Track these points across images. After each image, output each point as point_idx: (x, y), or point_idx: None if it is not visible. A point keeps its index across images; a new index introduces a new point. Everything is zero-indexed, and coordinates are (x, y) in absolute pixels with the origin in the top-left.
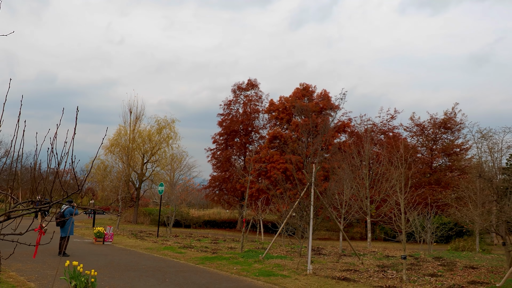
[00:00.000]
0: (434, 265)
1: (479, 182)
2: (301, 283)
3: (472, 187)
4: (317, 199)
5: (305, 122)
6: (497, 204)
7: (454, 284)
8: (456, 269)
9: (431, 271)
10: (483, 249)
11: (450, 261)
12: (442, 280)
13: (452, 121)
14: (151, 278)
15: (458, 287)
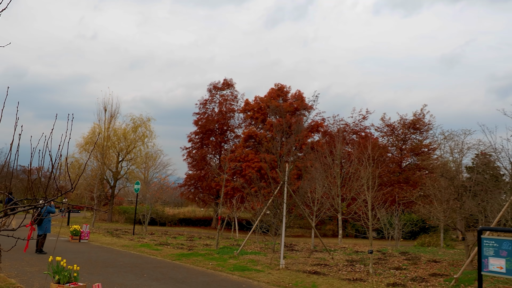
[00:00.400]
0: (400, 259)
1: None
2: (274, 277)
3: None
4: (290, 197)
5: (280, 122)
6: (457, 201)
7: (417, 276)
8: (420, 263)
9: (397, 265)
10: (447, 245)
11: (415, 255)
12: (406, 273)
13: (420, 122)
14: (129, 273)
15: (420, 279)
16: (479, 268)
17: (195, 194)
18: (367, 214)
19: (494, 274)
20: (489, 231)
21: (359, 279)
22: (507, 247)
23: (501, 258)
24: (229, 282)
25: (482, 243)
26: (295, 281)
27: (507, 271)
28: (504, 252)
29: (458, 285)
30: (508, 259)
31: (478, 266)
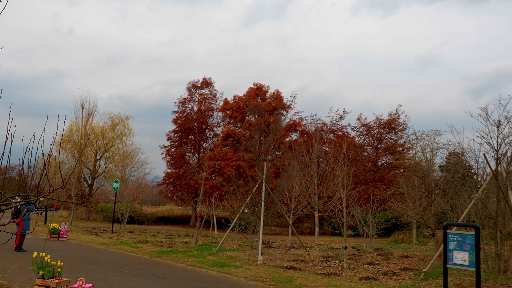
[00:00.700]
0: (373, 255)
1: (417, 180)
2: (252, 272)
3: (410, 184)
4: (268, 195)
5: (258, 121)
6: (428, 199)
7: (388, 271)
8: (392, 258)
9: (370, 260)
10: (419, 241)
11: (388, 251)
12: (378, 268)
13: (395, 122)
14: (110, 270)
15: (391, 273)
16: (444, 261)
17: (174, 192)
18: (342, 211)
19: (458, 267)
20: (456, 227)
21: (334, 274)
22: (470, 241)
23: (465, 252)
24: (209, 277)
25: (448, 238)
26: (272, 276)
27: (470, 264)
28: (467, 246)
29: (426, 278)
30: (471, 252)
31: (443, 259)
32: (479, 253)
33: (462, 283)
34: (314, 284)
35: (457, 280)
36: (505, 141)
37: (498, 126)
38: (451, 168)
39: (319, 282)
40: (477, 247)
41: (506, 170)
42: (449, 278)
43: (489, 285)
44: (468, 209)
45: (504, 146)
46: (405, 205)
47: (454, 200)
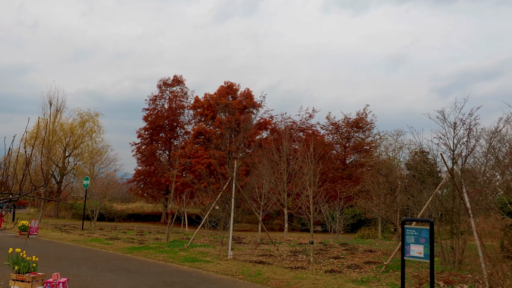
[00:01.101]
0: (340, 250)
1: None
2: (222, 266)
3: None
4: (238, 192)
5: (229, 119)
6: (390, 196)
7: (353, 264)
8: (357, 252)
9: (336, 255)
10: (384, 236)
11: (354, 246)
12: (343, 261)
13: (363, 121)
14: (82, 266)
15: (355, 266)
16: (402, 254)
17: (144, 189)
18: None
19: (415, 259)
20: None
21: (301, 267)
22: (425, 235)
23: (420, 245)
24: (180, 271)
25: (405, 232)
26: (241, 270)
27: (425, 256)
28: (422, 240)
29: (387, 271)
30: (425, 245)
31: (401, 252)
32: (433, 246)
33: (420, 275)
34: (281, 277)
35: (415, 272)
36: (460, 142)
37: (454, 128)
38: (417, 166)
39: (286, 275)
40: (431, 241)
41: (461, 169)
42: (408, 270)
43: (444, 276)
44: (426, 206)
45: (459, 147)
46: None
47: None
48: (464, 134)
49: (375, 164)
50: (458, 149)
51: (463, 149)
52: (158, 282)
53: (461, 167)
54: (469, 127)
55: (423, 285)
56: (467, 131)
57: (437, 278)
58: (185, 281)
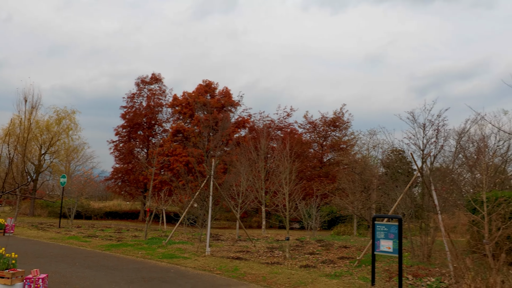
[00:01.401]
0: (315, 246)
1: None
2: (200, 263)
3: (350, 179)
4: (216, 190)
5: (207, 117)
6: (364, 193)
7: (327, 259)
8: (332, 248)
9: (311, 251)
10: (360, 233)
11: (329, 242)
12: (318, 257)
13: (340, 120)
14: (61, 263)
15: (329, 261)
16: (372, 249)
17: (122, 187)
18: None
19: (385, 254)
20: (385, 219)
21: (277, 263)
22: (394, 230)
23: (390, 240)
24: (158, 268)
25: (376, 228)
26: (219, 265)
27: (394, 250)
28: (391, 235)
29: (360, 266)
30: (394, 240)
31: (372, 247)
32: (401, 241)
33: (390, 269)
34: (257, 272)
35: (386, 266)
36: (430, 142)
37: (424, 128)
38: (392, 164)
39: (263, 270)
40: (399, 236)
41: (430, 168)
42: (380, 265)
43: (413, 270)
44: (397, 203)
45: (428, 147)
46: (344, 199)
47: (388, 195)
48: (433, 135)
49: (350, 163)
50: (427, 148)
51: (432, 149)
52: (137, 277)
53: (430, 166)
54: (437, 128)
55: (393, 278)
56: (435, 131)
57: (406, 272)
58: (164, 277)
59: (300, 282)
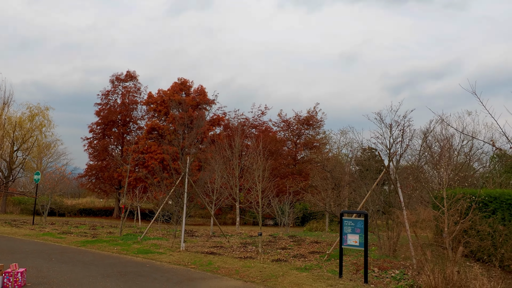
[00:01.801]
0: (288, 241)
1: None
2: (175, 257)
3: (322, 177)
4: (191, 187)
5: (182, 115)
6: (334, 191)
7: (298, 254)
8: (304, 243)
9: (283, 246)
10: (332, 229)
11: (301, 238)
12: (290, 252)
13: (313, 119)
14: (37, 258)
15: (300, 256)
16: (340, 243)
17: (96, 184)
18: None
19: (351, 247)
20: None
21: (249, 257)
22: (360, 225)
23: (356, 234)
24: (134, 263)
25: (343, 223)
26: (193, 260)
27: (360, 244)
28: (358, 230)
29: (329, 259)
30: (360, 235)
31: (339, 241)
32: (366, 235)
33: (358, 262)
34: (231, 266)
35: (354, 260)
36: (396, 141)
37: (390, 129)
38: (365, 162)
39: (236, 264)
40: (365, 231)
41: (396, 166)
42: (348, 259)
43: (379, 263)
44: (365, 200)
45: (394, 146)
46: (316, 196)
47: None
48: (399, 135)
49: (321, 161)
50: (393, 148)
51: (398, 148)
52: (113, 272)
53: (396, 165)
54: (403, 128)
55: (359, 271)
56: (401, 132)
57: (373, 265)
58: (139, 271)
59: (271, 275)
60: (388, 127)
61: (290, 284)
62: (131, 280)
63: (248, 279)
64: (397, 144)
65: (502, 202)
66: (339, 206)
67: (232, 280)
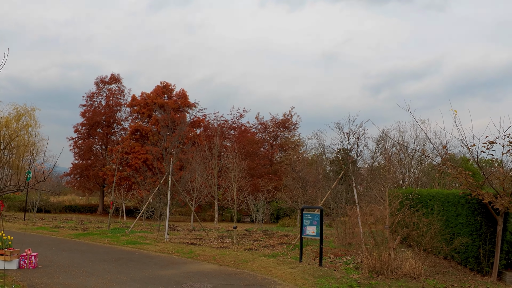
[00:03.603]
0: (260, 235)
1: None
2: (160, 247)
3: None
4: (174, 185)
5: (164, 118)
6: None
7: (268, 244)
8: (275, 236)
9: (256, 238)
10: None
11: (273, 232)
12: (261, 243)
13: (289, 122)
14: (38, 247)
15: (269, 246)
16: (301, 233)
17: (81, 182)
18: (233, 200)
19: (310, 237)
20: (316, 209)
21: (225, 247)
22: (317, 218)
23: (313, 226)
24: (124, 251)
25: (303, 217)
26: (176, 249)
27: (316, 234)
28: (315, 222)
29: (294, 249)
30: (317, 226)
31: (300, 232)
32: (321, 226)
33: (317, 250)
34: (209, 254)
35: (314, 249)
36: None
37: (348, 136)
38: (338, 163)
39: (213, 252)
40: (321, 223)
41: (352, 168)
42: (310, 248)
43: (335, 251)
44: (326, 197)
45: (351, 151)
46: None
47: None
48: (355, 142)
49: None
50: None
51: (354, 153)
52: (108, 258)
53: (353, 167)
54: (358, 136)
55: (317, 257)
56: (356, 139)
57: (330, 252)
58: (130, 257)
59: (243, 260)
60: (346, 135)
61: (258, 267)
62: (124, 264)
63: (223, 264)
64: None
65: (437, 200)
66: (306, 203)
67: (210, 264)
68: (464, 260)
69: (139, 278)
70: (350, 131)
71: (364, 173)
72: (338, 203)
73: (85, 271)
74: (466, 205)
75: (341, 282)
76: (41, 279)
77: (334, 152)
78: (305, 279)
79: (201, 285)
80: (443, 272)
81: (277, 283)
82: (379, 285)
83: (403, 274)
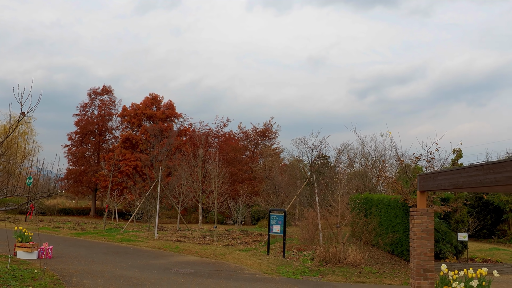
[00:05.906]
0: (238, 234)
1: (269, 181)
2: (151, 244)
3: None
4: (162, 190)
5: (153, 127)
6: (274, 194)
7: (243, 242)
8: (251, 235)
9: (234, 237)
10: None
11: (250, 232)
12: (238, 240)
13: (269, 131)
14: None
15: (245, 243)
16: (268, 231)
17: (75, 187)
18: (221, 204)
19: (276, 234)
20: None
21: (207, 243)
22: (281, 219)
23: (278, 225)
24: (121, 247)
25: (271, 217)
26: (165, 245)
27: (281, 231)
28: (280, 221)
29: (265, 245)
30: (281, 225)
31: (268, 230)
32: (285, 226)
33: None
34: (192, 249)
35: (282, 245)
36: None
37: (312, 149)
38: (319, 169)
39: (196, 247)
40: (284, 222)
41: (315, 177)
42: (278, 244)
43: (298, 247)
44: (292, 201)
45: (315, 162)
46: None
47: (291, 195)
48: (317, 154)
49: (264, 171)
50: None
51: (316, 164)
52: (108, 251)
53: (315, 175)
54: (319, 150)
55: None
56: (318, 152)
57: (294, 248)
58: (126, 251)
59: (221, 253)
60: (310, 149)
61: (232, 258)
62: (122, 256)
63: (204, 256)
64: (315, 161)
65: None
66: (278, 206)
67: (193, 256)
68: (400, 252)
69: (136, 266)
70: (313, 146)
71: (328, 181)
72: (303, 206)
73: (92, 261)
74: (401, 208)
75: (297, 269)
76: (58, 266)
77: (303, 162)
78: (269, 267)
79: (185, 270)
80: (382, 262)
81: (245, 269)
82: (326, 270)
83: (348, 263)
